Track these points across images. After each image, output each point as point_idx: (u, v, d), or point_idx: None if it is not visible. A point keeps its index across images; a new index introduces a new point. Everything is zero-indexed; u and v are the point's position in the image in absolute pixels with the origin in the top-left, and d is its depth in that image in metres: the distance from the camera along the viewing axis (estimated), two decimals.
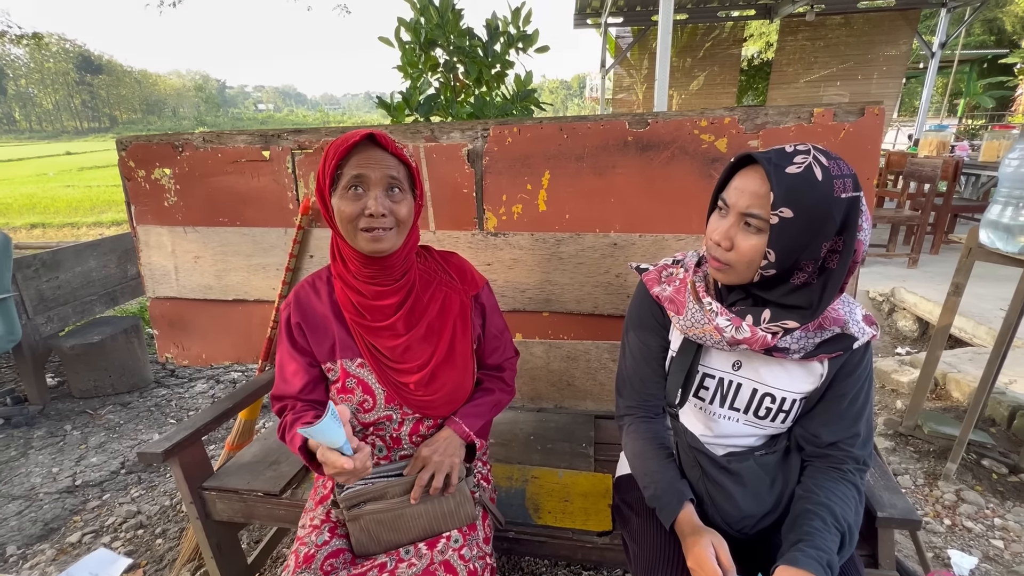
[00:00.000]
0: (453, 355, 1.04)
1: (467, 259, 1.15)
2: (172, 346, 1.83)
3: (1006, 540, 1.71)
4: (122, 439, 2.58)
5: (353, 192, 0.88)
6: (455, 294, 1.07)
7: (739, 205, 0.83)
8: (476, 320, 1.11)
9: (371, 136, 0.89)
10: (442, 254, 1.13)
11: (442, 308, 1.05)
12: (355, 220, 0.89)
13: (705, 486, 0.97)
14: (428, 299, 1.04)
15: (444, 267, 1.10)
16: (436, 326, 1.04)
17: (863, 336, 0.90)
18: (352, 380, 1.00)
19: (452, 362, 1.04)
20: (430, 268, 1.07)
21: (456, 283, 1.08)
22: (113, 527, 1.95)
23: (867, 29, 8.40)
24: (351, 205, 0.88)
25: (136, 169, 1.64)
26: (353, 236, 0.91)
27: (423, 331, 1.02)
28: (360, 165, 0.87)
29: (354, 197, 0.88)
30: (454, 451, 1.02)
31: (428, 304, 1.04)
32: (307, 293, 1.03)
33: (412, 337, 1.01)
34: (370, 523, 0.98)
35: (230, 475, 1.40)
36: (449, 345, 1.04)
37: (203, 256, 1.70)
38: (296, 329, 1.01)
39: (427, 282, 1.05)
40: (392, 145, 0.91)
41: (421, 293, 1.03)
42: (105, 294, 3.24)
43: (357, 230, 0.90)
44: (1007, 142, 5.53)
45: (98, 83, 78.75)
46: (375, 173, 0.88)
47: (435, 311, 1.04)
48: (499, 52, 2.83)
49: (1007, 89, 15.52)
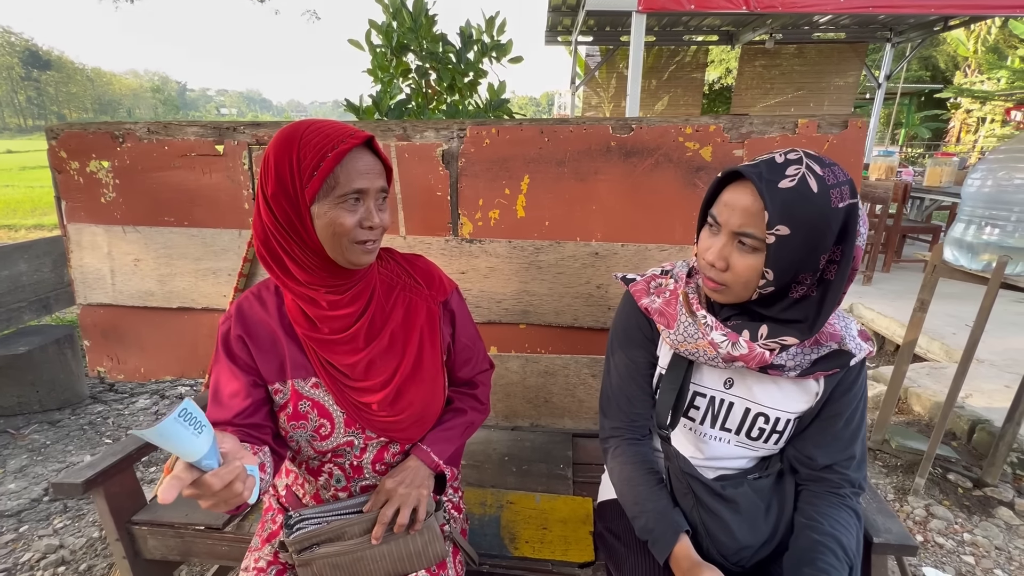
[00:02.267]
0: (421, 369, 0.93)
1: (439, 266, 1.05)
2: (105, 359, 1.64)
3: (976, 556, 1.72)
4: (47, 462, 2.32)
5: (353, 203, 0.79)
6: (421, 300, 0.96)
7: (731, 224, 0.77)
8: (445, 329, 1.00)
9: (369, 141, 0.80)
10: (406, 257, 1.02)
11: (407, 316, 0.94)
12: (350, 233, 0.79)
13: (699, 515, 0.90)
14: (391, 307, 0.93)
15: (408, 271, 0.99)
16: (400, 336, 0.92)
17: (860, 352, 0.86)
18: (306, 403, 0.87)
19: (420, 377, 0.93)
20: (391, 272, 0.96)
21: (422, 288, 0.97)
22: (29, 564, 1.72)
23: (819, 59, 8.90)
24: (350, 217, 0.78)
25: (68, 160, 1.47)
26: (344, 249, 0.80)
27: (386, 343, 0.90)
28: (362, 176, 0.78)
29: (351, 208, 0.79)
30: (421, 482, 0.91)
31: (391, 312, 0.93)
32: (251, 304, 0.90)
33: (374, 351, 0.89)
34: (324, 568, 0.86)
35: (166, 506, 1.24)
36: (416, 357, 0.93)
37: (144, 259, 1.53)
38: (237, 343, 0.87)
39: (389, 287, 0.94)
40: (380, 150, 0.83)
41: (383, 301, 0.92)
42: (36, 301, 2.95)
43: (352, 243, 0.80)
44: (948, 168, 5.88)
45: (46, 79, 74.82)
46: (373, 184, 0.80)
47: (399, 319, 0.93)
48: (472, 60, 2.78)
49: (941, 122, 16.73)
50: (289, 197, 0.77)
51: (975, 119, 14.83)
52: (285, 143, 0.77)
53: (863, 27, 7.87)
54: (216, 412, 0.85)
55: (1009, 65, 12.66)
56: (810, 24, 7.70)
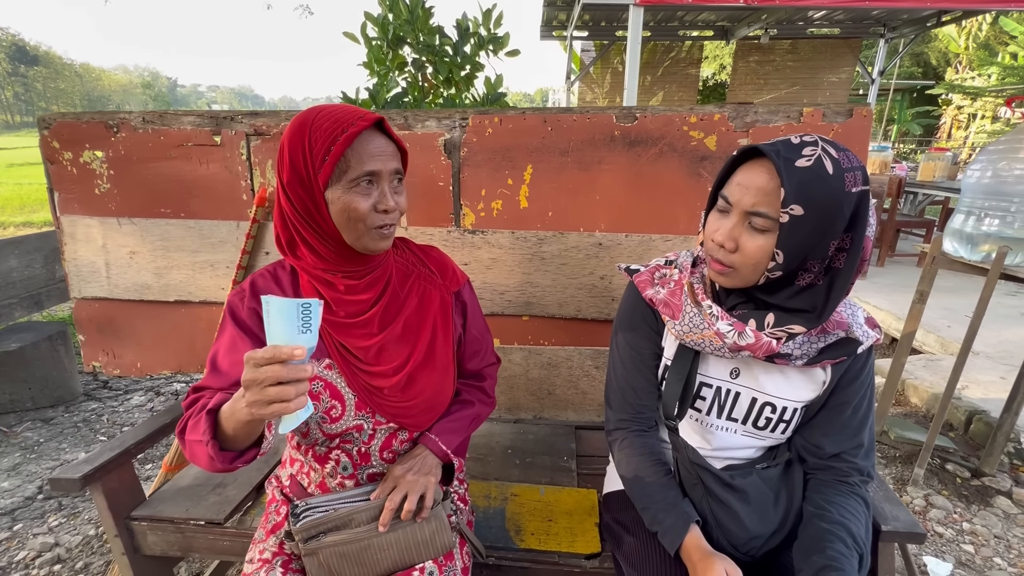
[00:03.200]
0: (433, 357, 0.93)
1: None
2: (101, 353, 1.62)
3: (975, 544, 1.74)
4: (40, 460, 2.28)
5: (366, 187, 0.78)
6: (435, 289, 0.96)
7: (744, 203, 0.77)
8: (457, 319, 1.00)
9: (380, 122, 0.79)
10: (421, 247, 1.02)
11: (420, 304, 0.94)
12: (366, 217, 0.78)
13: (709, 506, 0.89)
14: (405, 294, 0.93)
15: (423, 260, 0.99)
16: (414, 324, 0.92)
17: (867, 340, 0.85)
18: (318, 384, 0.86)
19: (432, 364, 0.93)
20: (407, 261, 0.97)
21: (436, 278, 0.98)
22: (23, 563, 1.69)
23: (814, 55, 8.93)
24: (364, 201, 0.77)
25: (61, 151, 1.44)
26: (360, 234, 0.79)
27: (399, 329, 0.90)
28: (373, 158, 0.77)
29: (365, 191, 0.78)
30: (429, 470, 0.91)
31: (405, 299, 0.93)
32: (267, 282, 0.89)
33: (387, 336, 0.89)
34: (331, 557, 0.84)
35: (165, 501, 1.22)
36: (429, 346, 0.93)
37: (140, 251, 1.51)
38: (251, 316, 0.85)
39: (404, 275, 0.94)
40: (393, 132, 0.82)
41: (398, 288, 0.92)
42: (27, 297, 2.91)
43: (369, 228, 0.79)
44: (941, 163, 5.92)
45: (33, 75, 73.71)
46: (386, 166, 0.79)
47: (413, 307, 0.93)
48: (469, 53, 2.75)
49: (933, 118, 16.86)
50: (304, 183, 0.77)
51: (966, 115, 14.94)
52: (298, 130, 0.77)
53: (857, 23, 7.91)
54: (211, 379, 0.81)
55: (1000, 61, 12.74)
56: (804, 19, 7.72)
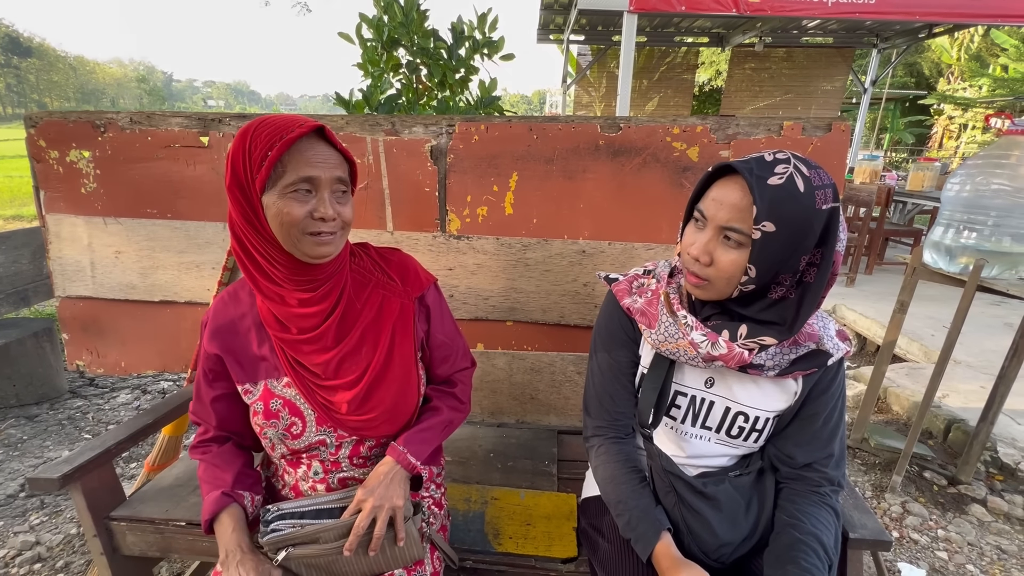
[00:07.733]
0: (391, 366, 0.93)
1: (426, 263, 1.05)
2: (85, 352, 1.61)
3: (949, 551, 1.77)
4: (24, 457, 2.27)
5: (303, 194, 0.78)
6: (395, 296, 0.95)
7: (718, 218, 0.79)
8: (420, 325, 0.99)
9: (320, 129, 0.79)
10: (380, 251, 1.00)
11: (378, 313, 0.93)
12: (299, 223, 0.78)
13: (681, 513, 0.91)
14: (363, 304, 0.92)
15: (382, 267, 0.97)
16: (371, 334, 0.92)
17: (837, 352, 0.87)
18: (277, 401, 0.88)
19: (391, 375, 0.92)
20: (364, 268, 0.95)
21: (396, 284, 0.96)
22: (3, 562, 1.68)
23: (808, 63, 9.00)
24: (299, 208, 0.77)
25: (47, 149, 1.44)
26: (295, 241, 0.79)
27: (356, 341, 0.90)
28: (311, 164, 0.77)
29: (302, 199, 0.78)
30: (395, 489, 0.88)
31: (362, 309, 0.92)
32: (225, 304, 0.93)
33: (344, 349, 0.88)
34: (300, 567, 0.86)
35: (145, 502, 1.22)
36: (387, 355, 0.92)
37: (126, 251, 1.51)
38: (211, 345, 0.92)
39: (361, 284, 0.93)
40: (338, 141, 0.82)
41: (354, 298, 0.91)
42: (14, 293, 2.88)
43: (303, 234, 0.79)
44: (930, 173, 5.98)
45: (26, 67, 72.96)
46: (325, 173, 0.78)
47: (370, 317, 0.92)
48: (464, 56, 2.76)
49: (925, 127, 17.06)
50: (243, 188, 0.78)
51: (957, 125, 15.14)
52: (241, 136, 0.78)
53: (850, 32, 7.99)
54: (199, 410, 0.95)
55: (991, 73, 12.93)
56: (799, 28, 7.80)
